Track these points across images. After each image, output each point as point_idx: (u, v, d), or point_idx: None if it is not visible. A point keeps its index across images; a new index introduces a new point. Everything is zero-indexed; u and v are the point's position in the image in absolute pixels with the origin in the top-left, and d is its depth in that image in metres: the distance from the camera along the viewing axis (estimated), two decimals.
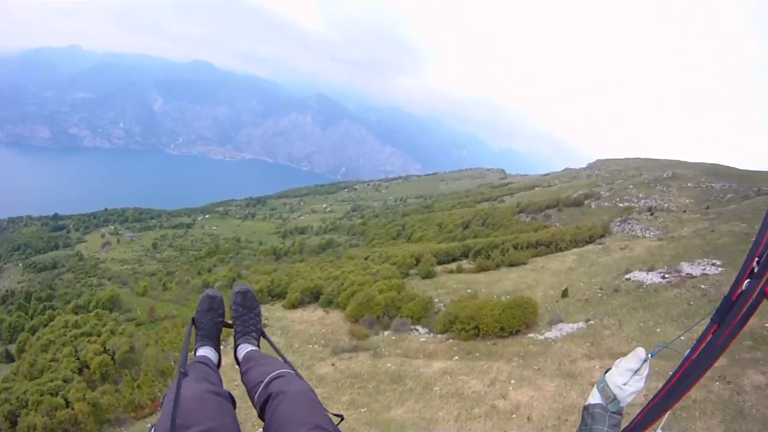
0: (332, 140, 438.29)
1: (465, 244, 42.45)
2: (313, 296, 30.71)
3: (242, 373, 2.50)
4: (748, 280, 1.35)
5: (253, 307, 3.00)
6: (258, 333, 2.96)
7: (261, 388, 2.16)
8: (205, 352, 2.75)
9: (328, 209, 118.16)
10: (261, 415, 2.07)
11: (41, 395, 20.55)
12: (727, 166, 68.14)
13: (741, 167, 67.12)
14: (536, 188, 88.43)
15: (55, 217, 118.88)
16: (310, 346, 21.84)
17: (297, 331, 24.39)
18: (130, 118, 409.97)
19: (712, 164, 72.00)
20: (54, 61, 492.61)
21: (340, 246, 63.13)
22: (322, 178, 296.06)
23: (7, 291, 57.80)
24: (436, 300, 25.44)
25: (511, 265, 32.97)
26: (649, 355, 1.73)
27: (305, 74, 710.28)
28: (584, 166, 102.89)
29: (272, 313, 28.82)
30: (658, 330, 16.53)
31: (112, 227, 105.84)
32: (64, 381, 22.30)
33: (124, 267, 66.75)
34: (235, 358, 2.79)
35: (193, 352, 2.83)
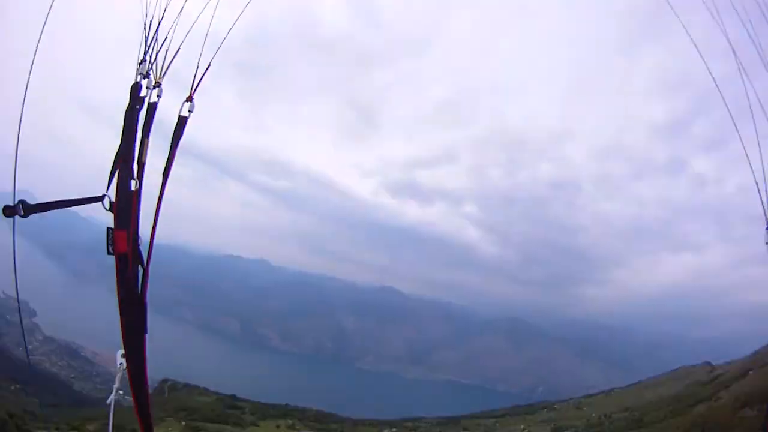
0: (527, 360, 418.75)
1: None
2: None
3: None
4: None
5: None
6: None
7: None
8: None
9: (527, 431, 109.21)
10: None
11: None
12: None
13: None
14: (750, 372, 75.86)
15: (233, 397, 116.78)
16: None
17: None
18: (322, 331, 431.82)
19: None
20: (246, 269, 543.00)
21: None
22: (519, 398, 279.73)
23: None
24: None
25: None
26: None
27: (493, 297, 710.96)
28: None
29: None
30: None
31: (290, 422, 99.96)
32: None
33: None
34: None
35: None
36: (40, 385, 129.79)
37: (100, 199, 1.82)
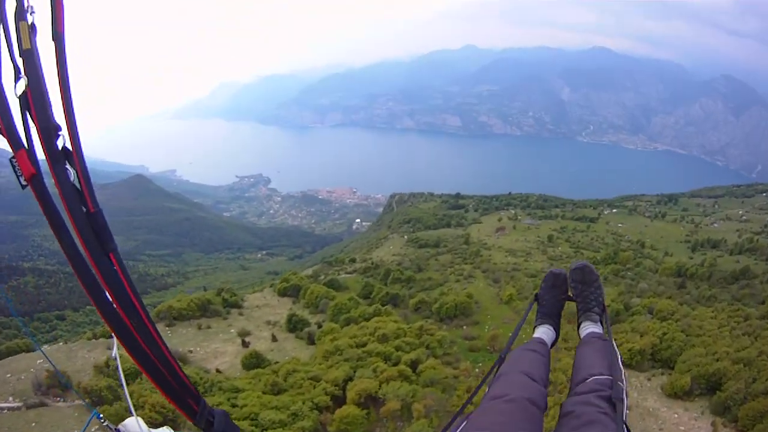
0: (745, 130, 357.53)
1: None
2: (709, 386, 17.20)
3: (576, 352, 2.71)
4: None
5: (591, 281, 3.04)
6: (600, 307, 3.01)
7: (578, 390, 2.24)
8: (542, 332, 2.97)
9: (744, 217, 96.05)
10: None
11: (250, 421, 15.14)
12: None
13: None
14: None
15: (457, 196, 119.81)
16: None
17: None
18: (539, 107, 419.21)
19: None
20: (452, 61, 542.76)
21: (756, 279, 46.13)
22: (737, 176, 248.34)
23: (373, 263, 52.61)
24: None
25: None
26: None
27: (706, 53, 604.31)
28: None
29: (642, 398, 16.41)
30: None
31: (513, 211, 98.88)
32: (294, 415, 15.87)
33: (508, 259, 56.29)
34: (578, 333, 2.99)
35: (532, 330, 3.07)
36: (281, 242, 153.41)
37: None
